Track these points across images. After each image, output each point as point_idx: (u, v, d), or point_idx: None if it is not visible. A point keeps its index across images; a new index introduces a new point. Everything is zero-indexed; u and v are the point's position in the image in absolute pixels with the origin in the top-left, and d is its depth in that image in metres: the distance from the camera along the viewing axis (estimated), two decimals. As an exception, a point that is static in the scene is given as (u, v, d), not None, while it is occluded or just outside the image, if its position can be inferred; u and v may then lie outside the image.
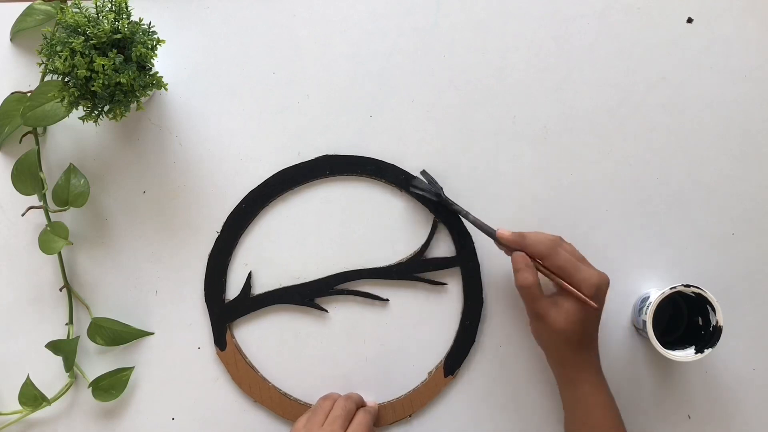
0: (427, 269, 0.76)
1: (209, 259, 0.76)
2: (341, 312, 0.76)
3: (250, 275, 0.76)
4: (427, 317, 0.76)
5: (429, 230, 0.76)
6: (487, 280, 0.76)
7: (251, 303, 0.76)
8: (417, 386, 0.75)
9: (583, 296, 0.66)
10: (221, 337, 0.75)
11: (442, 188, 0.74)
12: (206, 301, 0.76)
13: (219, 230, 0.76)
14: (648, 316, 0.69)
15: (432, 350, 0.76)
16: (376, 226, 0.76)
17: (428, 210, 0.76)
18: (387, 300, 0.76)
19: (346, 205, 0.76)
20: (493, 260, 0.76)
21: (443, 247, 0.76)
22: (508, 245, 0.70)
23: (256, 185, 0.76)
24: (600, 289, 0.67)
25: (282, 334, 0.76)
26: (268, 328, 0.76)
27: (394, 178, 0.76)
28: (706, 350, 0.69)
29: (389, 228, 0.76)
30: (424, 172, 0.75)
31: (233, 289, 0.76)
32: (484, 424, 0.76)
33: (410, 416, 0.75)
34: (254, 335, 0.76)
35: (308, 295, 0.76)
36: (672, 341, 0.72)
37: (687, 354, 0.69)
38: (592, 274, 0.67)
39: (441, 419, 0.76)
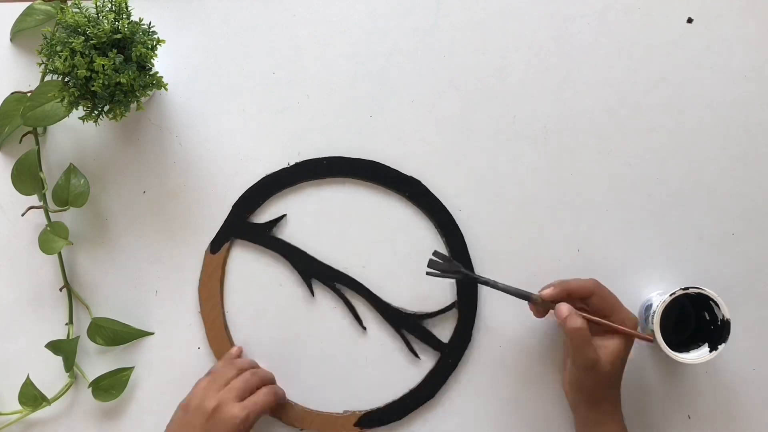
0: (421, 332, 0.75)
1: (253, 185, 0.76)
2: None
3: (283, 218, 0.75)
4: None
5: (454, 293, 0.76)
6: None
7: (265, 236, 0.75)
8: (329, 413, 0.75)
9: (637, 333, 0.68)
10: (219, 243, 0.75)
11: (460, 265, 0.73)
12: (234, 205, 0.76)
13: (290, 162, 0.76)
14: (656, 326, 0.69)
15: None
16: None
17: (454, 279, 0.75)
18: (365, 329, 0.76)
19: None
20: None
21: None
22: (553, 299, 0.69)
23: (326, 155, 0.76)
24: (636, 324, 0.69)
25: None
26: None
27: (417, 199, 0.76)
28: (719, 346, 0.69)
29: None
30: (436, 253, 0.73)
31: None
32: None
33: (302, 431, 0.75)
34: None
35: (308, 271, 0.75)
36: (684, 340, 0.72)
37: (702, 354, 0.69)
38: (628, 311, 0.69)
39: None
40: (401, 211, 0.76)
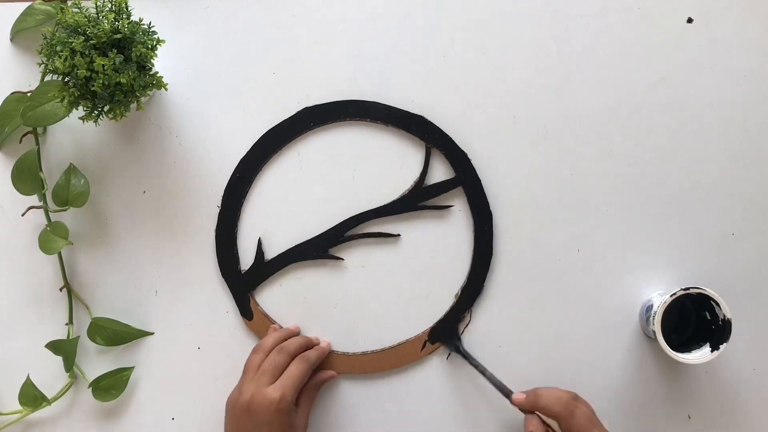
0: (431, 196, 0.75)
1: (216, 235, 0.76)
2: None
3: (260, 242, 0.76)
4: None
5: (423, 158, 0.76)
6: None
7: (267, 268, 0.76)
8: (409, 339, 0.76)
9: None
10: (246, 308, 0.75)
11: (461, 341, 0.74)
12: (223, 276, 0.76)
13: (219, 205, 0.76)
14: (657, 327, 0.69)
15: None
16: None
17: (419, 138, 0.76)
18: (398, 235, 0.76)
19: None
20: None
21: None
22: (522, 409, 0.69)
23: (245, 153, 0.76)
24: None
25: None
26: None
27: (378, 115, 0.76)
28: (720, 346, 0.69)
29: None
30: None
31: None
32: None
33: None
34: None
35: (321, 248, 0.75)
36: (685, 341, 0.72)
37: (703, 354, 0.69)
38: None
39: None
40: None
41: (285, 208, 0.76)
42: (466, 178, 0.76)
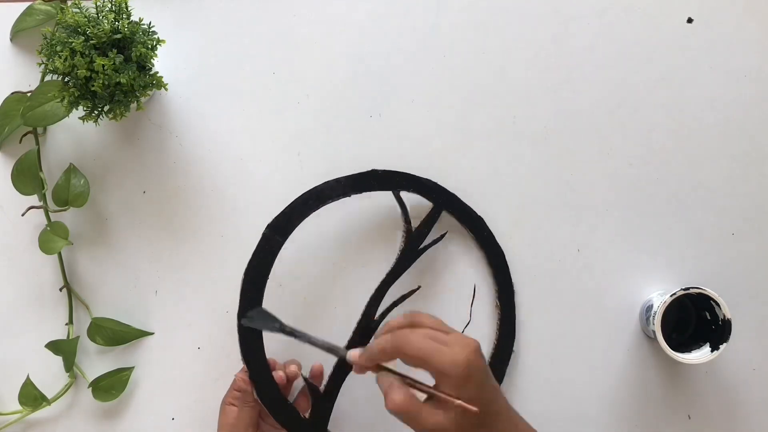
0: (424, 235, 0.73)
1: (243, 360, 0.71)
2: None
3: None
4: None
5: (398, 206, 0.74)
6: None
7: (327, 398, 0.71)
8: None
9: (458, 402, 0.54)
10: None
11: (280, 320, 0.67)
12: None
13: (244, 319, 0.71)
14: (657, 327, 0.69)
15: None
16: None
17: (382, 190, 0.74)
18: (419, 287, 0.74)
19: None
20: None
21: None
22: (361, 370, 0.61)
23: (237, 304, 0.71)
24: (471, 365, 0.54)
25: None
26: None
27: (334, 192, 0.72)
28: (720, 346, 0.69)
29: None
30: (259, 310, 0.69)
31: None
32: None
33: None
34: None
35: (361, 341, 0.71)
36: (685, 341, 0.72)
37: (703, 354, 0.69)
38: (455, 351, 0.55)
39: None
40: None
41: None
42: (444, 201, 0.74)
